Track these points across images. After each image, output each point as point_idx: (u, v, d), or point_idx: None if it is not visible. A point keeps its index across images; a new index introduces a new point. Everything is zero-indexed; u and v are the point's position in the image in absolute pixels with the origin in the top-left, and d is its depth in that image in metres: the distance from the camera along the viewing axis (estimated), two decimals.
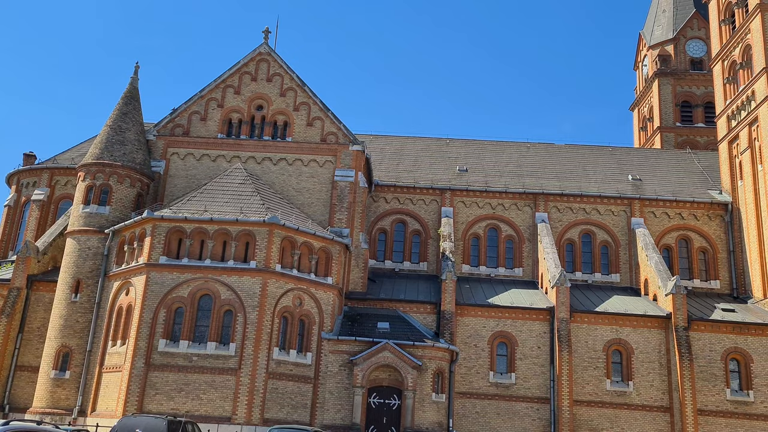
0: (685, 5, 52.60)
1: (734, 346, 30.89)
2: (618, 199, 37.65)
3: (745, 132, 36.60)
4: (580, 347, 31.23)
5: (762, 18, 35.52)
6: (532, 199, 37.90)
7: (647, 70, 53.62)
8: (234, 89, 34.87)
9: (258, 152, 33.72)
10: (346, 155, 33.64)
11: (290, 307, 28.92)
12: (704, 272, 36.89)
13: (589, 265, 37.22)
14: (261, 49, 35.30)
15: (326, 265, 30.46)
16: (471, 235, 37.83)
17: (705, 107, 49.30)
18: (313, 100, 34.58)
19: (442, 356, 29.77)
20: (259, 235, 28.74)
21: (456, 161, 41.44)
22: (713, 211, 37.43)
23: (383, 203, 38.45)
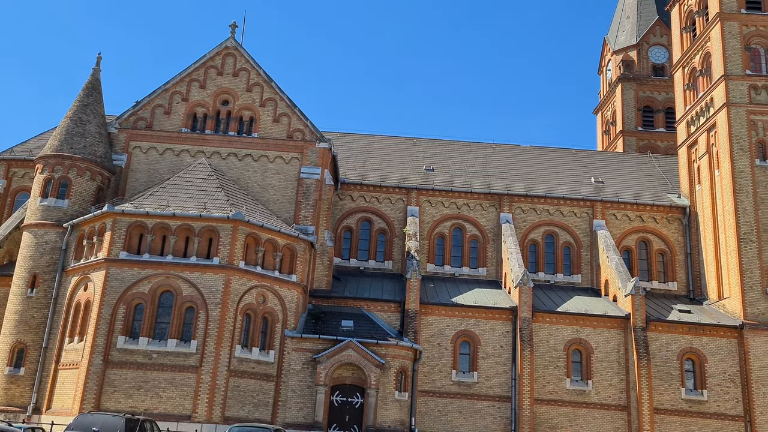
0: (649, 12, 53.66)
1: (690, 347, 31.65)
2: (581, 201, 38.23)
3: (704, 138, 37.49)
4: (542, 347, 31.63)
5: (721, 27, 36.42)
6: (497, 200, 38.24)
7: (611, 75, 54.56)
8: (199, 83, 34.41)
9: (223, 147, 33.35)
10: (312, 152, 33.47)
11: (253, 304, 28.67)
12: (662, 274, 37.69)
13: (551, 266, 37.72)
14: (227, 44, 34.89)
15: (291, 262, 30.28)
16: (436, 235, 38.01)
17: (666, 112, 50.37)
18: (279, 96, 34.33)
19: (406, 355, 29.85)
20: (222, 231, 28.42)
21: (423, 161, 41.59)
22: (672, 214, 38.27)
23: (349, 201, 38.38)
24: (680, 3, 41.67)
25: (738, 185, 34.10)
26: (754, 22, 36.64)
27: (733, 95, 35.42)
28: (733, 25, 36.46)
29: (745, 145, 34.72)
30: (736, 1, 36.86)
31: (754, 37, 36.60)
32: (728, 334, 31.81)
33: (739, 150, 34.65)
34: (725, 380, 31.29)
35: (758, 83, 35.69)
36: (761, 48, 36.59)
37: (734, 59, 35.98)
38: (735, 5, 36.78)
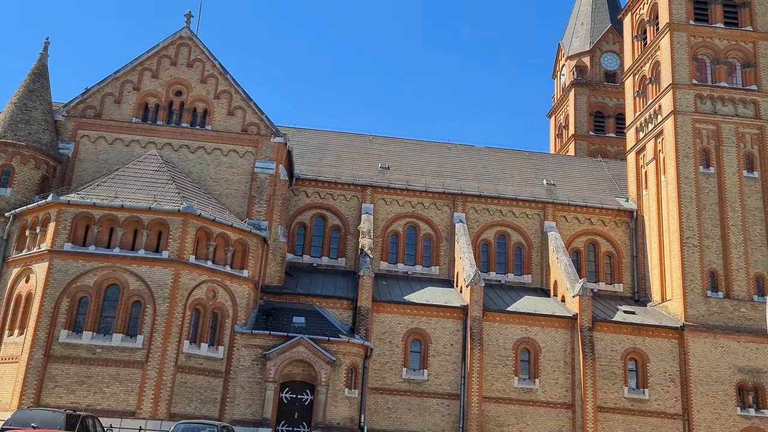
0: (602, 19, 54.87)
1: (633, 347, 32.51)
2: (533, 202, 38.83)
3: (652, 144, 38.55)
4: (491, 345, 32.04)
5: (671, 37, 37.49)
6: (451, 199, 38.54)
7: (565, 80, 55.59)
8: (152, 72, 33.65)
9: (175, 139, 32.70)
10: (267, 147, 33.13)
11: (203, 299, 28.22)
12: (609, 275, 38.61)
13: (503, 266, 38.22)
14: (182, 33, 34.22)
15: (243, 257, 29.92)
16: (390, 233, 38.10)
17: (616, 118, 51.60)
18: (235, 88, 33.86)
19: (357, 352, 29.85)
20: (173, 224, 27.88)
21: (378, 158, 41.61)
22: (620, 217, 39.24)
23: (304, 197, 38.15)
24: (632, 12, 42.74)
25: (682, 191, 35.17)
26: (701, 33, 37.83)
27: (680, 104, 36.51)
28: (682, 36, 37.57)
29: (690, 153, 35.83)
30: (685, 12, 38.00)
31: (701, 47, 37.80)
32: (670, 335, 32.81)
33: (684, 157, 35.74)
34: (666, 380, 32.27)
35: (703, 93, 36.87)
36: (707, 59, 37.80)
37: (682, 69, 37.09)
38: (684, 16, 37.91)
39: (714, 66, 37.63)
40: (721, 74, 37.40)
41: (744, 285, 34.03)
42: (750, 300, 33.79)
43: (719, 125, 36.49)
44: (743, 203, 35.36)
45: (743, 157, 36.28)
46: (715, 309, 33.44)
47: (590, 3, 56.15)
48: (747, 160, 36.32)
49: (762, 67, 37.48)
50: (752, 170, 36.13)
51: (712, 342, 32.65)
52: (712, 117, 36.56)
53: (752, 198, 35.58)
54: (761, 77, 37.33)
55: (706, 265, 34.19)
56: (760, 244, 34.83)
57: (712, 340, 32.68)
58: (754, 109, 36.97)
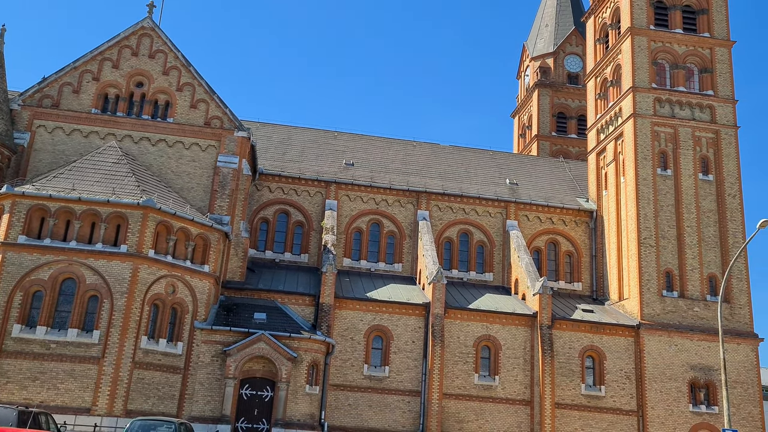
0: (566, 22, 55.61)
1: (591, 344, 33.11)
2: (495, 201, 39.20)
3: (612, 146, 39.27)
4: (452, 342, 32.27)
5: (632, 41, 38.22)
6: (415, 197, 38.67)
7: (529, 80, 56.18)
8: (112, 63, 32.96)
9: (136, 131, 32.09)
10: (230, 141, 32.75)
11: (162, 294, 27.80)
12: (569, 274, 39.23)
13: (465, 264, 38.51)
14: (144, 23, 33.58)
15: (203, 252, 29.55)
16: (354, 229, 38.05)
17: (578, 119, 52.37)
18: (198, 81, 33.38)
19: (318, 348, 29.76)
20: (132, 218, 27.38)
21: (343, 155, 41.49)
22: (580, 217, 39.88)
23: (267, 192, 37.83)
24: (595, 15, 43.44)
25: (641, 192, 35.92)
26: (661, 38, 38.66)
27: (639, 107, 37.26)
28: (643, 40, 38.33)
29: (648, 155, 36.60)
30: (646, 18, 38.78)
31: (661, 52, 38.62)
32: (626, 333, 33.49)
33: (643, 159, 36.49)
34: (622, 377, 32.95)
35: (662, 96, 37.70)
36: (666, 63, 38.65)
37: (642, 72, 37.85)
38: (645, 21, 38.68)
39: (673, 70, 38.49)
40: (680, 79, 38.28)
41: (698, 285, 34.94)
42: (703, 300, 34.71)
43: (677, 128, 37.36)
44: (698, 205, 36.29)
45: (699, 160, 37.21)
46: (670, 308, 34.26)
47: (554, 5, 56.86)
48: (702, 163, 37.26)
49: (718, 72, 38.48)
50: (707, 173, 37.08)
51: (666, 340, 33.46)
52: (670, 120, 37.41)
53: (707, 200, 36.52)
54: (717, 83, 38.32)
55: (662, 265, 35.00)
56: (713, 245, 35.80)
57: (667, 338, 33.49)
58: (710, 113, 37.94)
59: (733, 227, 36.00)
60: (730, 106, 38.00)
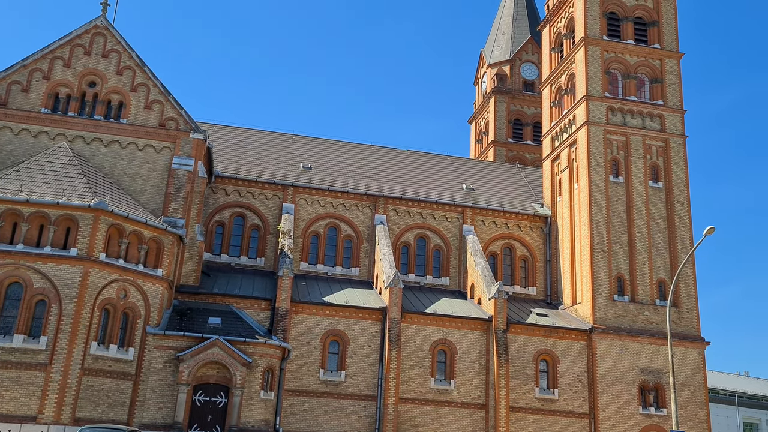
0: (522, 30, 56.51)
1: (545, 348, 33.63)
2: (452, 206, 39.52)
3: (566, 153, 40.03)
4: (409, 347, 32.37)
5: (586, 50, 39.06)
6: (373, 201, 38.70)
7: (486, 87, 56.88)
8: (64, 62, 32.12)
9: (87, 132, 31.32)
10: (186, 143, 32.25)
11: (113, 299, 27.17)
12: (524, 279, 39.79)
13: (422, 268, 38.70)
14: (98, 22, 32.83)
15: (157, 256, 29.00)
16: (311, 233, 37.86)
17: (534, 126, 53.23)
18: (153, 81, 32.78)
19: (274, 353, 29.49)
20: (82, 220, 26.70)
21: (300, 158, 41.27)
22: (535, 222, 40.50)
23: (223, 195, 37.36)
24: (550, 25, 44.26)
25: (593, 199, 36.69)
26: (613, 48, 39.61)
27: (592, 115, 38.09)
28: (596, 50, 39.22)
29: (601, 162, 37.43)
30: (599, 28, 39.70)
31: (613, 62, 39.57)
32: (579, 337, 34.14)
33: (596, 166, 37.30)
34: (574, 380, 33.55)
35: (614, 105, 38.62)
36: (618, 73, 39.62)
37: (595, 81, 38.71)
38: (598, 31, 39.58)
39: (625, 80, 39.47)
40: (631, 88, 39.27)
41: (648, 290, 35.84)
42: (653, 304, 35.62)
43: (628, 137, 38.31)
44: (648, 212, 37.26)
45: (649, 167, 38.22)
46: (621, 312, 35.05)
47: (511, 14, 57.72)
48: (653, 170, 38.28)
49: (668, 83, 39.62)
50: (657, 180, 38.11)
51: (617, 344, 34.21)
52: (622, 129, 38.34)
53: (657, 207, 37.53)
54: (667, 93, 39.45)
55: (614, 270, 35.80)
56: (663, 251, 36.78)
57: (618, 342, 34.25)
58: (660, 122, 39.01)
59: (682, 233, 37.07)
60: (678, 116, 39.16)
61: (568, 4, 42.04)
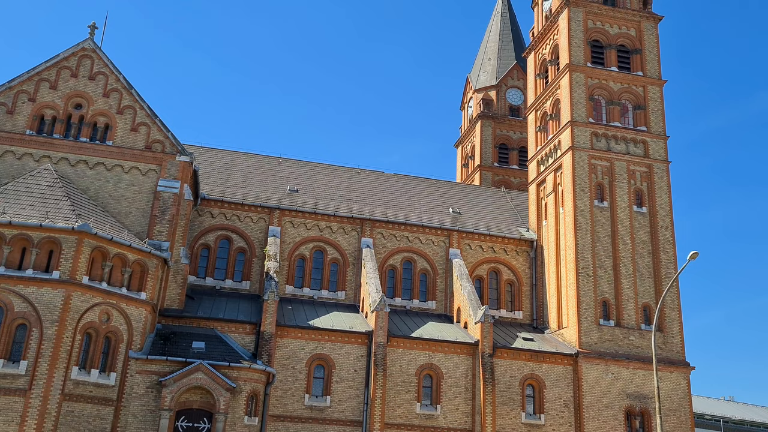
0: (508, 56, 57.23)
1: (531, 373, 33.54)
2: (439, 229, 39.60)
3: (551, 177, 40.35)
4: (395, 371, 32.16)
5: (570, 77, 39.59)
6: (359, 224, 38.69)
7: (472, 112, 57.39)
8: (50, 83, 32.05)
9: (73, 154, 31.15)
10: (172, 165, 32.15)
11: (96, 322, 26.81)
12: (510, 303, 39.80)
13: (408, 292, 38.62)
14: (85, 45, 32.83)
15: (141, 279, 28.71)
16: (297, 256, 37.72)
17: (519, 151, 53.68)
18: (139, 104, 32.76)
19: (258, 378, 29.17)
20: (65, 243, 26.43)
21: (287, 181, 41.27)
22: (521, 246, 40.64)
23: (209, 218, 37.19)
24: (535, 51, 44.87)
25: (579, 223, 36.92)
26: (597, 75, 40.19)
27: (577, 140, 38.48)
28: (580, 77, 39.76)
29: (586, 187, 37.74)
30: (583, 55, 40.29)
31: (597, 88, 40.13)
32: (565, 361, 34.09)
33: (581, 191, 37.60)
34: (561, 405, 33.43)
35: (599, 131, 39.06)
36: (603, 99, 40.15)
37: (580, 107, 39.18)
38: (582, 58, 40.17)
39: (609, 106, 39.99)
40: (615, 114, 39.78)
41: (633, 314, 35.96)
42: (638, 328, 35.72)
43: (612, 162, 38.70)
44: (633, 236, 37.53)
45: (633, 192, 38.57)
46: (606, 337, 35.09)
47: (497, 40, 58.50)
48: (637, 195, 38.64)
49: (651, 109, 40.18)
50: (641, 205, 38.45)
51: (603, 369, 34.20)
52: (606, 154, 38.74)
53: (641, 232, 37.82)
54: (650, 119, 39.99)
55: (599, 294, 35.92)
56: (647, 275, 36.99)
57: (604, 366, 34.24)
58: (643, 148, 39.48)
59: (666, 258, 37.32)
60: (661, 142, 39.66)
61: (553, 31, 42.69)
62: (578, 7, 40.94)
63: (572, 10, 40.79)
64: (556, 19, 42.08)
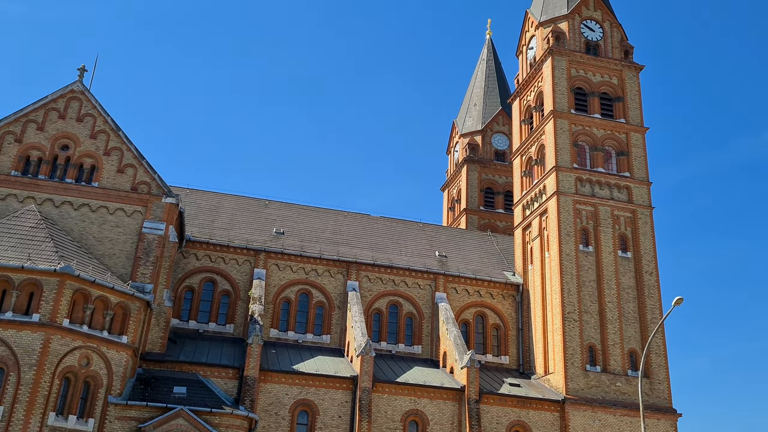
0: (493, 102, 58.19)
1: (518, 419, 33.12)
2: (425, 273, 39.53)
3: (537, 221, 40.61)
4: (380, 417, 31.65)
5: (554, 123, 40.24)
6: (345, 267, 38.55)
7: (458, 156, 57.99)
8: (37, 125, 32.08)
9: (57, 195, 31.01)
10: (157, 207, 32.05)
11: (75, 367, 26.27)
12: (496, 347, 39.56)
13: (394, 336, 38.31)
14: (74, 87, 33.03)
15: (123, 322, 28.29)
16: (282, 299, 37.42)
17: (505, 195, 54.10)
18: (126, 145, 32.82)
19: (241, 424, 28.59)
20: (47, 285, 26.08)
21: (273, 223, 41.19)
22: (507, 290, 40.61)
23: (194, 260, 36.92)
24: (520, 98, 45.68)
25: (564, 267, 37.03)
26: (581, 122, 40.89)
27: (562, 185, 38.89)
28: (564, 123, 40.43)
29: (571, 231, 37.99)
30: (567, 102, 41.06)
31: (581, 135, 40.77)
32: (552, 408, 33.75)
33: (566, 235, 37.82)
34: None
35: (583, 176, 39.55)
36: (586, 145, 40.77)
37: (564, 153, 39.72)
38: (566, 105, 40.92)
39: (592, 152, 40.57)
40: (599, 160, 40.35)
41: (619, 360, 35.83)
42: (624, 374, 35.54)
43: (597, 207, 39.07)
44: (618, 281, 37.65)
45: (618, 237, 38.86)
46: (593, 383, 34.87)
47: (483, 86, 59.53)
48: (621, 240, 38.92)
49: (634, 156, 40.81)
50: (626, 250, 38.70)
51: (590, 415, 33.87)
52: (590, 199, 39.14)
53: (626, 277, 37.97)
54: (633, 165, 40.58)
55: (585, 339, 35.82)
56: (633, 320, 37.01)
57: (591, 413, 33.92)
58: (627, 194, 39.95)
59: (651, 303, 37.41)
60: (645, 188, 40.16)
61: (537, 78, 43.54)
62: (561, 56, 41.88)
63: (556, 59, 41.71)
64: (540, 66, 42.98)
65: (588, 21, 43.96)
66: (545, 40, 43.44)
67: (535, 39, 45.12)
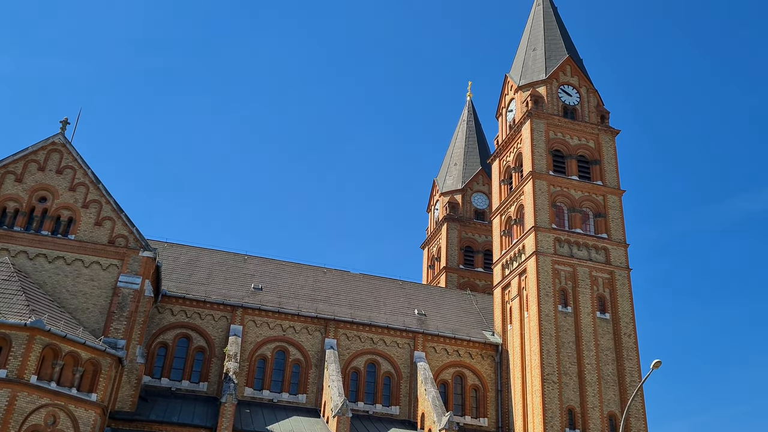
0: (473, 162, 59.04)
1: None
2: (404, 331, 39.16)
3: (516, 281, 40.68)
4: None
5: (533, 184, 40.83)
6: (323, 324, 38.09)
7: (438, 214, 58.38)
8: (15, 176, 31.86)
9: (32, 247, 30.55)
10: (134, 261, 31.66)
11: (40, 425, 25.35)
12: (475, 409, 38.95)
13: (371, 396, 37.62)
14: (55, 139, 33.00)
15: (92, 379, 27.47)
16: (258, 357, 36.73)
17: (485, 254, 54.30)
18: (105, 198, 32.62)
19: None
20: (16, 340, 25.39)
21: (252, 278, 40.80)
22: (486, 350, 40.28)
23: (169, 315, 36.29)
24: (500, 158, 46.42)
25: (543, 328, 36.92)
26: (559, 183, 41.55)
27: (541, 245, 39.17)
28: (543, 184, 41.04)
29: (550, 291, 38.06)
30: (546, 164, 41.79)
31: (559, 196, 41.36)
32: None
33: (545, 295, 37.87)
34: None
35: (561, 237, 39.91)
36: (565, 206, 41.31)
37: (543, 213, 40.17)
38: (545, 167, 41.63)
39: (570, 213, 41.08)
40: (577, 221, 40.83)
41: (598, 423, 35.40)
42: None
43: (575, 267, 39.29)
44: (597, 343, 37.56)
45: (596, 298, 38.97)
46: None
47: (463, 146, 60.52)
48: (600, 302, 39.02)
49: (611, 218, 41.38)
50: (604, 312, 38.77)
51: None
52: (569, 260, 39.39)
53: (605, 338, 37.92)
54: (611, 227, 41.09)
55: (565, 402, 35.43)
56: (612, 383, 36.75)
57: None
58: (605, 255, 40.30)
59: (630, 366, 37.26)
60: (622, 249, 40.58)
61: (517, 140, 44.38)
62: (540, 118, 42.86)
63: (534, 122, 42.66)
64: (520, 129, 43.88)
65: (565, 86, 45.20)
66: (524, 103, 44.49)
67: (515, 102, 46.21)
